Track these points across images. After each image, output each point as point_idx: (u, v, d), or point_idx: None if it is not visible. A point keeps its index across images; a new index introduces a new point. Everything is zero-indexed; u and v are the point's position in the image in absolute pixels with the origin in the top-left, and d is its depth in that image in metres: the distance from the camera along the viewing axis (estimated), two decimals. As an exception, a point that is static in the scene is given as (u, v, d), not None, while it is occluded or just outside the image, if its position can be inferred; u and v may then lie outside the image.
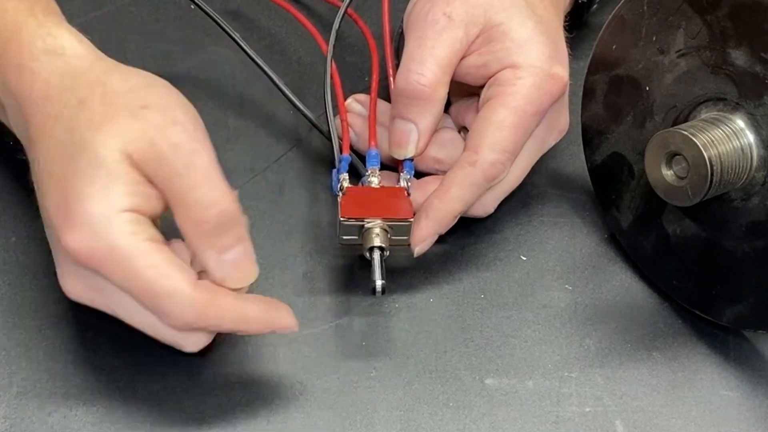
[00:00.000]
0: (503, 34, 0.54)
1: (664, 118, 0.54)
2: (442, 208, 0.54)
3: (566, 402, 0.51)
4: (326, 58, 0.58)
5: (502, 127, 0.53)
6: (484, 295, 0.56)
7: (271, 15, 0.69)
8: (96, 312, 0.53)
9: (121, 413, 0.49)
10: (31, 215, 0.56)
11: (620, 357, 0.53)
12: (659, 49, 0.53)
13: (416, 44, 0.54)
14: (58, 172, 0.46)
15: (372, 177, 0.55)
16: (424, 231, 0.54)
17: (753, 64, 0.48)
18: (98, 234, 0.44)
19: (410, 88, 0.54)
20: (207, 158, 0.45)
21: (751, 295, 0.51)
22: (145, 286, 0.45)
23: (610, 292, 0.57)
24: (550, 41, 0.55)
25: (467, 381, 0.52)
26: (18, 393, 0.49)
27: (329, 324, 0.53)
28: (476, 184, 0.54)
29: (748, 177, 0.50)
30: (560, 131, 0.58)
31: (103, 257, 0.45)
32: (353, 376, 0.51)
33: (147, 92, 0.47)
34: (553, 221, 0.60)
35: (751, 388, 0.53)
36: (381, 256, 0.51)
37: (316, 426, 0.49)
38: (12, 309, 0.52)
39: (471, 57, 0.55)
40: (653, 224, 0.56)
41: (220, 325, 0.47)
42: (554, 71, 0.54)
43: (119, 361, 0.51)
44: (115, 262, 0.45)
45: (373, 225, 0.52)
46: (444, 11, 0.54)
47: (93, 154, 0.45)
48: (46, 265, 0.54)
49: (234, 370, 0.51)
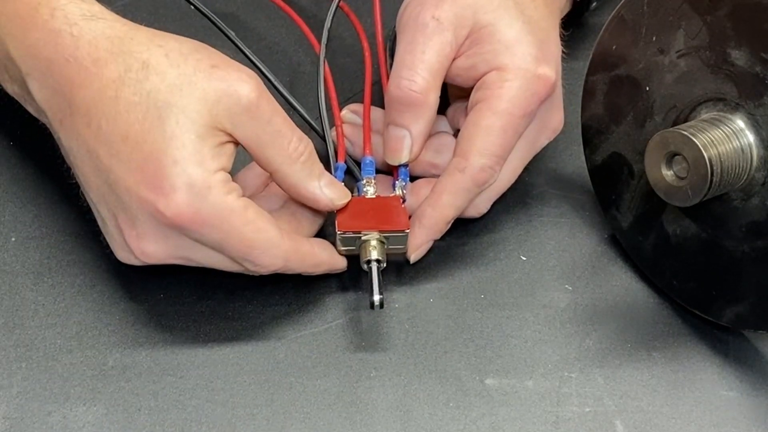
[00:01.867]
0: (490, 35, 0.54)
1: (664, 118, 0.54)
2: (434, 216, 0.54)
3: (566, 402, 0.51)
4: (319, 58, 0.58)
5: (490, 131, 0.53)
6: (484, 295, 0.56)
7: (269, 16, 0.69)
8: (96, 312, 0.53)
9: (121, 413, 0.49)
10: (31, 215, 0.56)
11: (620, 357, 0.53)
12: (659, 49, 0.53)
13: (407, 49, 0.54)
14: (138, 136, 0.47)
15: (368, 186, 0.55)
16: (419, 239, 0.54)
17: (753, 65, 0.48)
18: (200, 196, 0.47)
19: (402, 94, 0.54)
20: (278, 105, 0.50)
21: (751, 295, 0.51)
22: (243, 243, 0.48)
23: (610, 292, 0.57)
24: (538, 41, 0.55)
25: (467, 381, 0.52)
26: (18, 393, 0.49)
27: (329, 324, 0.53)
28: (467, 190, 0.54)
29: (747, 177, 0.50)
30: (553, 130, 0.58)
31: (205, 219, 0.47)
32: (353, 376, 0.51)
33: (207, 52, 0.49)
34: (553, 221, 0.60)
35: (751, 388, 0.53)
36: (378, 268, 0.52)
37: (316, 426, 0.49)
38: (12, 308, 0.52)
39: (460, 59, 0.55)
40: (653, 224, 0.56)
41: (299, 269, 0.52)
42: (540, 72, 0.54)
43: (119, 361, 0.51)
44: (216, 222, 0.47)
45: (369, 237, 0.52)
46: (433, 14, 0.54)
47: (180, 119, 0.47)
48: (46, 265, 0.54)
49: (234, 370, 0.51)
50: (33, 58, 0.49)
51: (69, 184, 0.57)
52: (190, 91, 0.47)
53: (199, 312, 0.53)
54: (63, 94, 0.49)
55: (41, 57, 0.49)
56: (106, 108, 0.47)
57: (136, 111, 0.47)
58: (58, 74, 0.48)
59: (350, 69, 0.66)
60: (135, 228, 0.48)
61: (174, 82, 0.47)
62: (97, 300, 0.53)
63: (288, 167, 0.50)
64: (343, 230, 0.52)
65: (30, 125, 0.61)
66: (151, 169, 0.46)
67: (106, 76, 0.48)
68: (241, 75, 0.48)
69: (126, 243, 0.49)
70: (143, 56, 0.48)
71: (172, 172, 0.46)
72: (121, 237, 0.49)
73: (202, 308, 0.53)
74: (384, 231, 0.53)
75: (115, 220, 0.49)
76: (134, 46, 0.48)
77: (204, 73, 0.48)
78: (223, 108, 0.47)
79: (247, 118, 0.48)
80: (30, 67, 0.50)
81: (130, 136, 0.47)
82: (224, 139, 0.48)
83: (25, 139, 0.60)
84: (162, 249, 0.49)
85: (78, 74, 0.48)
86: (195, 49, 0.49)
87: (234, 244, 0.48)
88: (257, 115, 0.48)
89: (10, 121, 0.61)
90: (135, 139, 0.47)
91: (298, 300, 0.54)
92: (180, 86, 0.47)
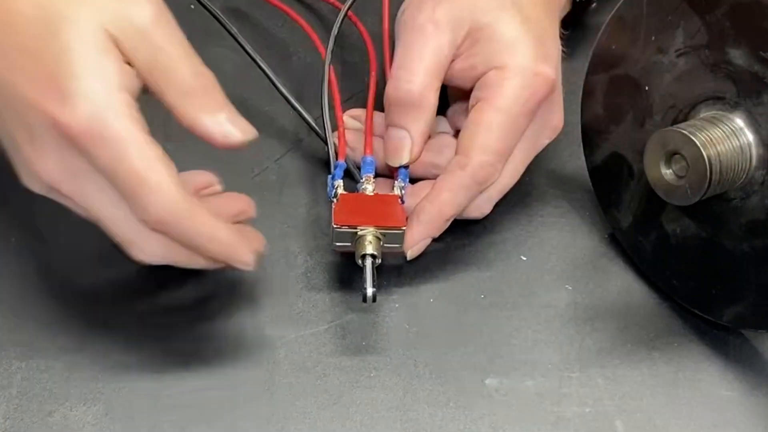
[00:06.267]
0: (489, 35, 0.54)
1: (664, 117, 0.54)
2: (433, 213, 0.54)
3: (566, 402, 0.51)
4: (324, 63, 0.58)
5: (490, 129, 0.53)
6: (484, 295, 0.56)
7: (272, 15, 0.69)
8: (95, 311, 0.53)
9: (121, 413, 0.49)
10: (32, 215, 0.56)
11: (620, 357, 0.53)
12: (658, 49, 0.53)
13: (404, 51, 0.55)
14: (36, 47, 0.45)
15: (367, 184, 0.55)
16: (416, 235, 0.54)
17: (752, 63, 0.48)
18: (99, 109, 0.44)
19: (400, 95, 0.54)
20: (181, 33, 0.47)
21: (751, 294, 0.51)
22: (133, 174, 0.45)
23: (610, 292, 0.57)
24: (537, 40, 0.55)
25: (467, 381, 0.52)
26: (18, 393, 0.49)
27: (329, 324, 0.53)
28: (467, 188, 0.54)
29: (747, 176, 0.50)
30: (554, 129, 0.58)
31: (99, 134, 0.44)
32: (353, 376, 0.51)
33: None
34: (553, 221, 0.60)
35: (751, 388, 0.53)
36: (373, 263, 0.52)
37: (316, 426, 0.49)
38: (12, 309, 0.52)
39: (459, 60, 0.55)
40: (653, 224, 0.56)
41: (190, 234, 0.47)
42: (540, 70, 0.54)
43: (119, 360, 0.51)
44: (110, 141, 0.45)
45: (365, 232, 0.52)
46: (430, 16, 0.54)
47: (78, 30, 0.45)
48: (46, 265, 0.54)
49: (234, 370, 0.51)
50: None
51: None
52: (87, 5, 0.46)
53: (199, 312, 0.53)
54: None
55: None
56: (4, 20, 0.46)
57: (35, 23, 0.46)
58: None
59: (352, 67, 0.66)
60: (33, 143, 0.46)
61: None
62: (97, 300, 0.53)
63: (180, 99, 0.47)
64: (339, 224, 0.52)
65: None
66: (49, 80, 0.45)
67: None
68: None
69: (24, 161, 0.47)
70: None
71: (73, 83, 0.45)
72: (19, 155, 0.48)
73: (201, 308, 0.53)
74: (380, 227, 0.52)
75: (14, 137, 0.47)
76: None
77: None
78: (119, 26, 0.46)
79: (141, 41, 0.46)
80: None
81: (28, 48, 0.46)
82: (123, 57, 0.46)
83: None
84: (59, 167, 0.46)
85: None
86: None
87: (123, 174, 0.45)
88: (151, 39, 0.46)
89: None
90: (33, 50, 0.45)
91: (298, 300, 0.54)
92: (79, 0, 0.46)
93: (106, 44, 0.45)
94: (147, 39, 0.46)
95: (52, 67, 0.45)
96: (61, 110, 0.44)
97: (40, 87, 0.45)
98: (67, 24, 0.45)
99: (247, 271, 0.49)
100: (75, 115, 0.44)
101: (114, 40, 0.46)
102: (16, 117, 0.47)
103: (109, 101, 0.45)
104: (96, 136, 0.45)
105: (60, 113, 0.44)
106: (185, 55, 0.47)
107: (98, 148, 0.45)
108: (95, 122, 0.44)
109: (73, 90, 0.45)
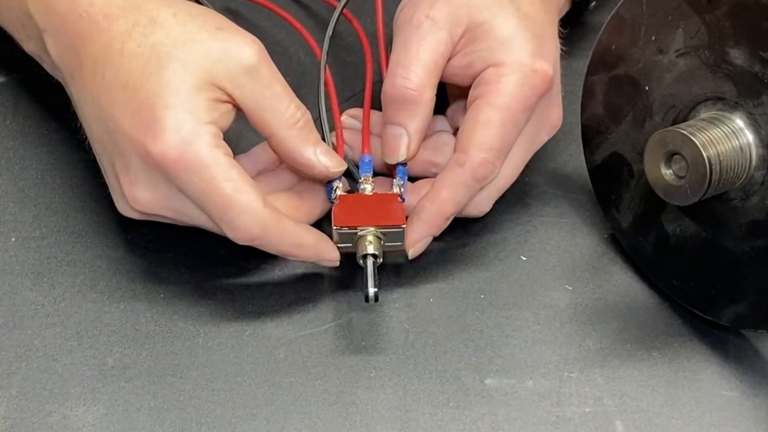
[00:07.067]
0: (486, 32, 0.54)
1: (664, 117, 0.54)
2: (433, 211, 0.54)
3: (566, 402, 0.51)
4: (320, 63, 0.58)
5: (488, 126, 0.53)
6: (484, 295, 0.56)
7: (270, 15, 0.69)
8: (96, 312, 0.53)
9: (121, 413, 0.49)
10: (31, 215, 0.56)
11: (620, 357, 0.53)
12: (658, 49, 0.53)
13: (401, 49, 0.55)
14: (136, 83, 0.48)
15: (365, 184, 0.55)
16: (417, 234, 0.54)
17: (752, 64, 0.48)
18: (187, 141, 0.48)
19: (397, 92, 0.54)
20: (279, 73, 0.51)
21: (751, 294, 0.51)
22: (221, 198, 0.48)
23: (610, 292, 0.57)
24: (534, 37, 0.55)
25: (467, 381, 0.52)
26: (18, 393, 0.49)
27: (329, 324, 0.53)
28: (466, 185, 0.54)
29: (747, 176, 0.50)
30: (552, 126, 0.58)
31: (188, 164, 0.48)
32: (353, 376, 0.51)
33: (214, 16, 0.52)
34: (553, 221, 0.60)
35: (751, 388, 0.53)
36: (374, 263, 0.52)
37: (316, 426, 0.49)
38: (12, 308, 0.52)
39: (456, 58, 0.55)
40: (653, 224, 0.56)
41: (279, 245, 0.51)
42: (537, 66, 0.54)
43: (119, 361, 0.51)
44: (198, 170, 0.48)
45: (366, 232, 0.52)
46: (427, 14, 0.54)
47: (179, 69, 0.48)
48: (46, 265, 0.54)
49: (234, 370, 0.51)
50: (49, 14, 0.52)
51: (69, 185, 0.57)
52: (193, 47, 0.49)
53: (198, 312, 0.53)
54: (75, 49, 0.51)
55: (57, 13, 0.51)
56: (112, 59, 0.49)
57: (138, 61, 0.49)
58: (71, 29, 0.51)
59: (351, 67, 0.66)
60: (128, 174, 0.50)
61: (178, 37, 0.49)
62: (97, 300, 0.53)
63: (284, 132, 0.51)
64: (339, 225, 0.52)
65: (30, 125, 0.61)
66: (144, 113, 0.48)
67: (115, 29, 0.50)
68: (245, 39, 0.50)
69: (121, 191, 0.50)
70: (152, 13, 0.50)
71: (163, 115, 0.48)
72: (117, 185, 0.51)
73: (201, 308, 0.53)
74: (380, 226, 0.52)
75: (113, 168, 0.50)
76: (145, 3, 0.50)
77: (208, 33, 0.50)
78: (223, 67, 0.49)
79: (247, 80, 0.50)
80: (46, 23, 0.52)
81: (129, 84, 0.48)
82: (222, 97, 0.50)
83: (26, 139, 0.60)
84: (152, 196, 0.50)
85: (89, 28, 0.50)
86: (203, 12, 0.52)
87: (213, 199, 0.48)
88: (257, 77, 0.50)
89: (11, 122, 0.61)
90: (133, 86, 0.48)
91: (298, 300, 0.54)
92: (183, 41, 0.49)
93: (203, 83, 0.49)
94: (254, 77, 0.50)
95: (148, 102, 0.48)
96: (152, 141, 0.47)
97: (135, 120, 0.48)
98: (172, 62, 0.48)
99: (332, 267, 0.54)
100: (161, 144, 0.47)
101: (216, 79, 0.49)
102: (116, 149, 0.50)
103: (196, 131, 0.48)
104: (181, 166, 0.48)
105: (152, 144, 0.47)
106: (288, 92, 0.51)
107: (185, 177, 0.48)
108: (181, 152, 0.47)
109: (162, 122, 0.48)
